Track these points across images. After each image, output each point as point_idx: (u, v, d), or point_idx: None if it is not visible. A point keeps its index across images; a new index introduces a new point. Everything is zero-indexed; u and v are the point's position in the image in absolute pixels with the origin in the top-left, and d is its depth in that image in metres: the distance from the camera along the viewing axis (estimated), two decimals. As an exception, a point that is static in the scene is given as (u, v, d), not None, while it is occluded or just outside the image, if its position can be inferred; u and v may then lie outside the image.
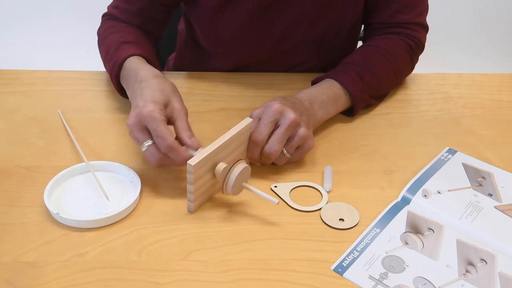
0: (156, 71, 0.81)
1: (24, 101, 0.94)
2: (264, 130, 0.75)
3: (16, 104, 0.93)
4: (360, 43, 1.21)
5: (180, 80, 1.00)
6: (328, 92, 0.88)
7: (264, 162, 0.78)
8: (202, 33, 1.03)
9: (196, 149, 0.72)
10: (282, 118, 0.76)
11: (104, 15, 1.01)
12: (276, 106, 0.76)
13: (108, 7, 1.01)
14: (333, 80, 0.90)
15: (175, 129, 0.74)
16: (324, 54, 1.04)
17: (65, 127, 0.87)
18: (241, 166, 0.72)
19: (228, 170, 0.71)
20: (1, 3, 2.83)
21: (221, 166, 0.71)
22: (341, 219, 0.72)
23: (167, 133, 0.70)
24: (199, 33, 1.04)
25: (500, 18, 2.93)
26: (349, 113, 0.92)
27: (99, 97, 0.96)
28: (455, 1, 2.92)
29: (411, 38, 0.99)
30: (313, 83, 0.93)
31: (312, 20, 0.98)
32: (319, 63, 1.06)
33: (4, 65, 1.11)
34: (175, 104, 0.75)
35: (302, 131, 0.76)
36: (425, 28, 1.02)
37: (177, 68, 1.15)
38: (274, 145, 0.75)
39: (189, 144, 0.72)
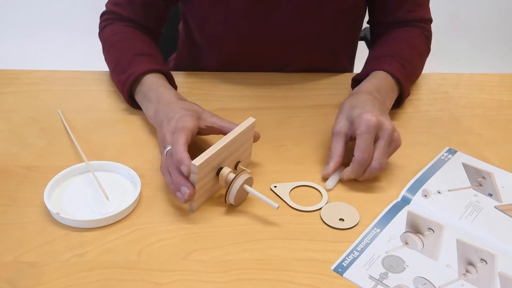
0: (179, 94, 0.84)
1: (24, 101, 0.94)
2: (369, 149, 0.75)
3: (16, 104, 0.93)
4: (361, 43, 1.21)
5: (180, 80, 1.00)
6: (388, 82, 0.89)
7: (367, 177, 0.77)
8: (196, 25, 1.02)
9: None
10: (382, 131, 0.76)
11: (103, 14, 1.00)
12: (373, 120, 0.75)
13: (107, 5, 1.00)
14: (384, 72, 0.90)
15: (222, 128, 0.77)
16: (323, 50, 1.04)
17: (65, 127, 0.87)
18: (243, 177, 0.71)
19: (230, 181, 0.71)
20: (1, 3, 2.83)
21: (226, 171, 0.71)
22: (341, 219, 0.72)
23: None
24: (193, 27, 1.04)
25: (501, 18, 2.93)
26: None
27: (99, 97, 0.96)
28: (455, 1, 2.92)
29: (425, 30, 1.02)
30: (357, 79, 0.94)
31: (310, 14, 0.97)
32: (318, 60, 1.05)
33: (4, 65, 1.11)
34: (212, 114, 0.79)
35: (397, 135, 0.77)
36: (431, 21, 1.05)
37: (177, 67, 1.15)
38: (381, 159, 0.75)
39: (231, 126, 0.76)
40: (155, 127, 0.83)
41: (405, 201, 0.75)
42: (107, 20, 0.99)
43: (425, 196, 0.76)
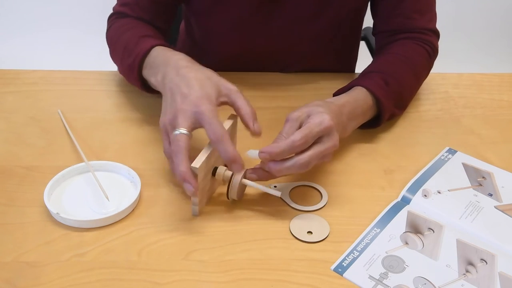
0: (188, 57, 0.78)
1: (24, 101, 0.94)
2: (309, 140, 0.69)
3: (16, 104, 0.93)
4: (361, 44, 1.21)
5: (180, 80, 1.00)
6: (363, 105, 0.83)
7: (284, 170, 0.69)
8: (198, 26, 1.02)
9: (259, 135, 0.71)
10: (327, 137, 0.70)
11: (111, 16, 0.99)
12: (329, 123, 0.70)
13: (115, 7, 0.98)
14: (364, 90, 0.84)
15: (238, 110, 0.72)
16: (325, 52, 1.04)
17: (65, 127, 0.87)
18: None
19: (230, 177, 0.71)
20: (0, 3, 2.83)
21: (222, 169, 0.71)
22: (310, 232, 0.70)
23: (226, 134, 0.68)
24: (195, 27, 1.04)
25: (501, 18, 2.93)
26: (372, 124, 0.87)
27: (99, 97, 0.96)
28: (455, 1, 2.92)
29: (427, 43, 0.96)
30: (338, 92, 0.87)
31: (311, 17, 0.97)
32: (319, 61, 1.05)
33: (4, 65, 1.11)
34: (229, 85, 0.73)
35: (330, 157, 0.72)
36: (437, 35, 0.99)
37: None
38: (313, 161, 0.69)
39: (252, 129, 0.71)
40: (161, 92, 0.76)
41: (405, 201, 0.75)
42: (114, 20, 0.97)
43: (425, 196, 0.76)
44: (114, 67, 1.19)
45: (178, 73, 0.73)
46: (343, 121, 0.77)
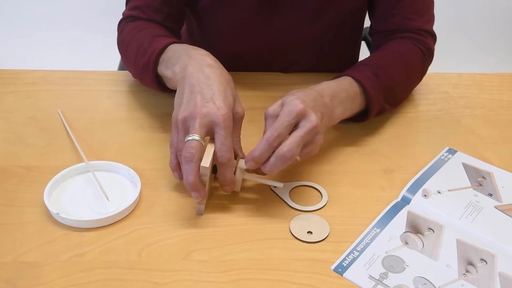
0: (211, 55, 0.76)
1: (24, 101, 0.94)
2: (283, 131, 0.68)
3: (16, 104, 0.93)
4: (362, 44, 1.22)
5: (180, 80, 1.00)
6: (348, 89, 0.81)
7: (272, 168, 0.69)
8: (199, 26, 1.02)
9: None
10: (304, 121, 0.68)
11: (121, 21, 0.97)
12: (299, 107, 0.68)
13: (124, 12, 0.97)
14: (350, 78, 0.84)
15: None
16: (324, 53, 1.04)
17: (65, 127, 0.87)
18: (242, 164, 0.72)
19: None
20: (0, 3, 2.83)
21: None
22: (310, 232, 0.70)
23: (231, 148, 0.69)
24: (196, 27, 1.04)
25: (501, 18, 2.93)
26: (361, 117, 0.87)
27: (99, 97, 0.96)
28: (455, 1, 2.92)
29: (422, 43, 0.95)
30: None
31: (311, 18, 0.97)
32: (318, 63, 1.05)
33: (4, 65, 1.11)
34: (239, 108, 0.73)
35: (319, 138, 0.71)
36: (433, 37, 0.98)
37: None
38: (293, 148, 0.67)
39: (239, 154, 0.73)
40: (176, 85, 0.74)
41: (405, 201, 0.75)
42: (125, 24, 0.95)
43: (425, 196, 0.76)
44: (114, 67, 1.19)
45: (202, 70, 0.72)
46: (325, 103, 0.75)
